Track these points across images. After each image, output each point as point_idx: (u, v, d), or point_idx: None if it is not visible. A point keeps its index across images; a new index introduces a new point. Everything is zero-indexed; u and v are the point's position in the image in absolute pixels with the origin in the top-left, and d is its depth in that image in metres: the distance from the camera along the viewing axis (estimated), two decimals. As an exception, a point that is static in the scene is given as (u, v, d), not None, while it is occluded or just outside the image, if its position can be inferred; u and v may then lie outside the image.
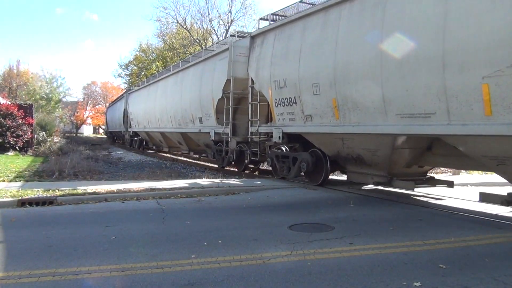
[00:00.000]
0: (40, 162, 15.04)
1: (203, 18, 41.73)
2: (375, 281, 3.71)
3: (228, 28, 40.04)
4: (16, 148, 19.36)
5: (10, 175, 11.07)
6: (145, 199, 8.06)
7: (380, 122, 7.56)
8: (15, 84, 42.71)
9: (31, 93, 38.01)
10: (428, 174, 9.21)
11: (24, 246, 4.75)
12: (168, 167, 15.88)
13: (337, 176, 12.18)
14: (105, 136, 52.78)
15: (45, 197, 7.64)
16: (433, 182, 8.81)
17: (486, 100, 5.70)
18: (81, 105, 70.01)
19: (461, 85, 5.99)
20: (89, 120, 73.08)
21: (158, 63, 43.94)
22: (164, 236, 5.27)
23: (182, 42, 42.27)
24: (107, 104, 56.97)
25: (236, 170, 13.82)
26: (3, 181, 9.95)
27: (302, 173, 10.51)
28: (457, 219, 6.51)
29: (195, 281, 3.68)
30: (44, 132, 23.64)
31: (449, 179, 8.99)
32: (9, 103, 22.45)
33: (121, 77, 55.34)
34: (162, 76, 20.87)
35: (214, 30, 41.73)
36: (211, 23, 41.51)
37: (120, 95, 38.20)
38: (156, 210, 6.98)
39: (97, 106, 72.31)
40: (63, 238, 5.13)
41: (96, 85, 74.34)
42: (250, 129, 12.06)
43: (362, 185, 10.22)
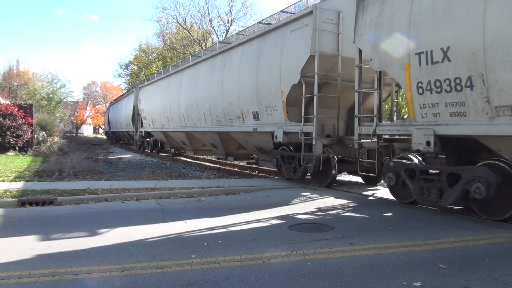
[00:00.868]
0: (40, 162, 15.03)
1: (203, 18, 41.89)
2: (375, 281, 3.71)
3: (228, 28, 40.16)
4: (16, 148, 19.35)
5: (10, 175, 11.07)
6: (145, 199, 8.08)
7: None
8: (15, 84, 42.71)
9: (32, 93, 37.98)
10: None
11: (24, 246, 4.75)
12: (168, 167, 15.92)
13: (338, 177, 12.15)
14: (105, 137, 52.73)
15: (45, 197, 7.64)
16: None
17: None
18: (81, 105, 70.11)
19: None
20: (89, 120, 73.20)
21: (158, 63, 44.02)
22: (164, 236, 5.27)
23: (182, 42, 42.30)
24: (107, 104, 56.98)
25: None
26: (3, 181, 9.96)
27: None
28: (457, 219, 6.51)
29: (195, 281, 3.68)
30: (44, 132, 23.64)
31: None
32: (9, 103, 22.43)
33: (121, 77, 55.70)
34: (188, 64, 17.11)
35: (214, 30, 41.89)
36: (211, 23, 41.67)
37: (127, 91, 35.06)
38: (156, 210, 6.98)
39: (97, 106, 72.48)
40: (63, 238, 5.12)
41: (96, 85, 74.70)
42: (358, 130, 8.49)
43: (363, 186, 10.21)
